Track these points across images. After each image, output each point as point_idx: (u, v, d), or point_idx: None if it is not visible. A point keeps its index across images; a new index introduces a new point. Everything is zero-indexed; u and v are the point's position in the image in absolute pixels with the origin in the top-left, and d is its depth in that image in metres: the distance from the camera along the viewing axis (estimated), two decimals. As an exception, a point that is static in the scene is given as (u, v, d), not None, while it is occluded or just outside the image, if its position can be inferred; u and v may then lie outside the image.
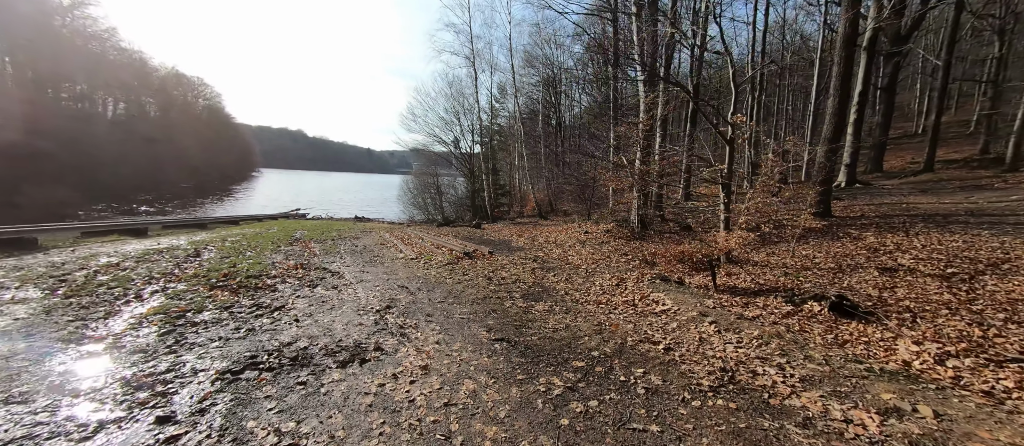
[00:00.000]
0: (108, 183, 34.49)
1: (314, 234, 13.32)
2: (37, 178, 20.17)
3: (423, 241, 11.01)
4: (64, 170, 24.69)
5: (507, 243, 11.32)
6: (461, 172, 28.05)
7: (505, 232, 14.81)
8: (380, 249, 9.68)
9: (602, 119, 24.96)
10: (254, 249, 8.98)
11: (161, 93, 61.09)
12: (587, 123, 30.44)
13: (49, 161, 23.72)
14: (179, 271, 6.26)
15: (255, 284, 5.49)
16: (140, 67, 54.01)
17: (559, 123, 37.66)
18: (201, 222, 16.08)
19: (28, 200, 17.31)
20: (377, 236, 13.22)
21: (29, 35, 37.25)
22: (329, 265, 7.29)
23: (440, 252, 8.89)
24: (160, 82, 60.25)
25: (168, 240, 10.38)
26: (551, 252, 9.35)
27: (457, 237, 12.48)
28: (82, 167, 28.50)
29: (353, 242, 11.21)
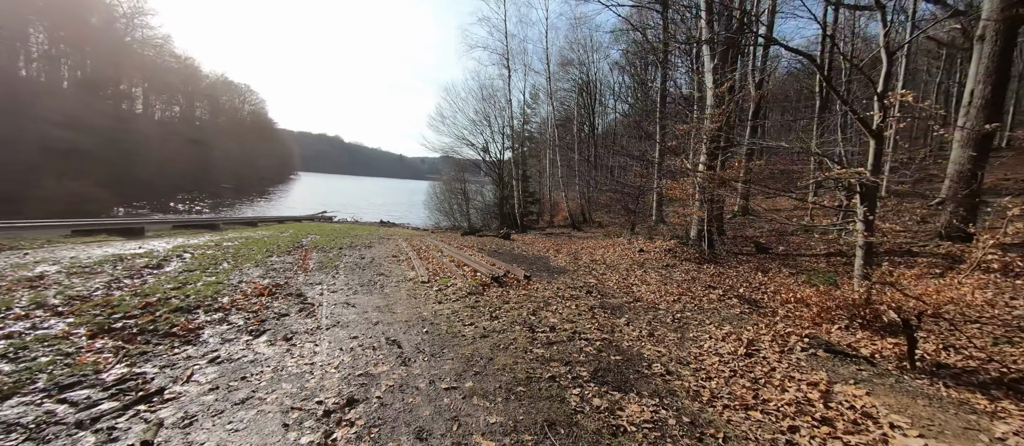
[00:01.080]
0: (150, 181, 34.88)
1: (324, 240, 11.53)
2: (66, 173, 19.79)
3: (441, 255, 8.91)
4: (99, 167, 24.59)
5: (544, 261, 9.05)
6: (490, 178, 26.10)
7: (539, 245, 12.55)
8: (388, 264, 7.65)
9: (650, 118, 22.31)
10: (235, 260, 7.14)
11: (210, 98, 63.21)
12: (631, 123, 27.76)
13: (83, 157, 23.62)
14: (95, 295, 4.39)
15: (170, 327, 3.47)
16: (191, 73, 55.89)
17: (593, 129, 35.20)
18: (213, 223, 14.76)
19: (50, 194, 16.67)
20: (393, 245, 11.27)
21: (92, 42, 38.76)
22: (309, 290, 5.27)
23: (461, 272, 6.73)
24: (209, 87, 62.35)
25: (155, 243, 8.78)
26: (605, 278, 7.01)
27: (483, 251, 10.34)
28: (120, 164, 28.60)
29: (362, 252, 9.26)
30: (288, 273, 6.32)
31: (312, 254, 8.60)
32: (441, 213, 33.89)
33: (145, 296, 4.32)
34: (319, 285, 5.57)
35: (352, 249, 9.93)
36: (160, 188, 36.87)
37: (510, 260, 8.99)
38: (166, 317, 3.69)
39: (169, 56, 51.17)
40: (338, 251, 9.37)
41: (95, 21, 42.40)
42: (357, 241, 11.71)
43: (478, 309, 4.51)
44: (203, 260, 6.87)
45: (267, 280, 5.62)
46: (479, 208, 31.32)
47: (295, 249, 9.21)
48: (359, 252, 9.35)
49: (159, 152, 38.61)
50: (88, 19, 40.58)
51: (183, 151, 44.10)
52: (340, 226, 20.71)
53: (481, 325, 3.88)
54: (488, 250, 10.59)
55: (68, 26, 36.28)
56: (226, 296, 4.57)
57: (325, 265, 7.31)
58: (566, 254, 10.24)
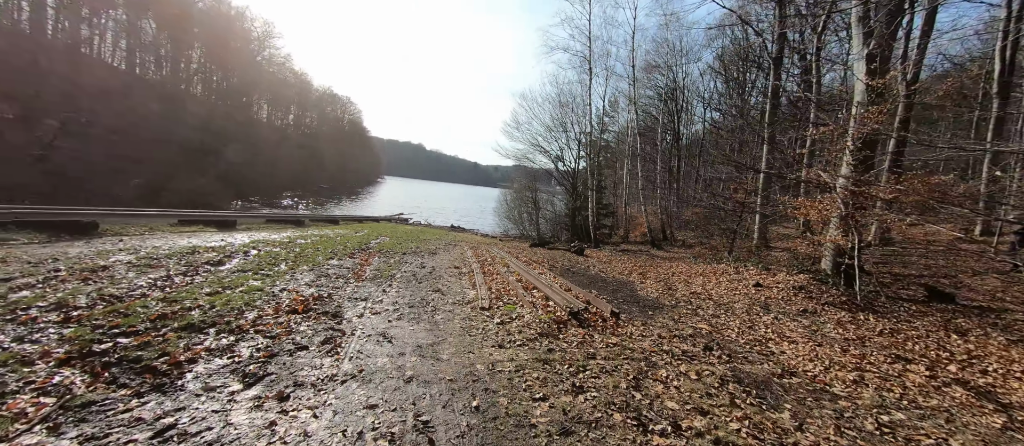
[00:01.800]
0: (264, 180, 39.58)
1: (392, 243, 11.11)
2: (196, 169, 22.74)
3: (507, 271, 7.71)
4: (223, 165, 28.15)
5: (628, 288, 7.38)
6: (562, 187, 24.63)
7: (618, 265, 10.79)
8: (448, 278, 6.65)
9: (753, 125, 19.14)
10: (296, 261, 6.69)
11: (318, 108, 71.13)
12: (732, 127, 24.44)
13: (212, 156, 27.18)
14: (132, 295, 3.91)
15: (159, 356, 2.67)
16: (304, 86, 63.30)
17: (677, 139, 31.91)
18: (299, 219, 15.47)
19: (182, 187, 19.09)
20: (457, 253, 10.41)
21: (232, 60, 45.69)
22: (351, 308, 4.37)
23: (529, 298, 5.43)
24: (318, 99, 70.18)
25: (237, 237, 8.92)
26: (721, 323, 5.19)
27: (554, 269, 8.95)
28: (242, 164, 32.61)
29: (424, 260, 8.46)
30: (339, 281, 5.58)
31: (374, 259, 7.99)
32: (510, 221, 33.19)
33: (172, 303, 3.71)
34: (364, 301, 4.66)
35: (415, 256, 9.22)
36: (272, 186, 41.70)
37: (586, 283, 7.46)
38: (167, 338, 2.93)
39: (288, 72, 58.50)
40: (400, 257, 8.70)
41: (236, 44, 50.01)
42: (423, 247, 11.09)
43: (553, 366, 3.13)
44: (264, 259, 6.49)
45: (311, 290, 4.87)
46: (549, 218, 29.97)
47: (360, 251, 8.73)
48: (421, 260, 8.57)
49: (273, 155, 43.76)
50: (231, 42, 47.95)
51: (292, 154, 49.65)
52: (412, 229, 20.86)
53: (560, 403, 2.51)
54: (560, 268, 9.17)
55: (216, 47, 43.10)
56: (254, 311, 3.80)
57: (381, 274, 6.53)
58: (654, 280, 8.40)
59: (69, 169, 17.35)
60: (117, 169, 19.74)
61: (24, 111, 19.96)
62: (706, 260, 12.75)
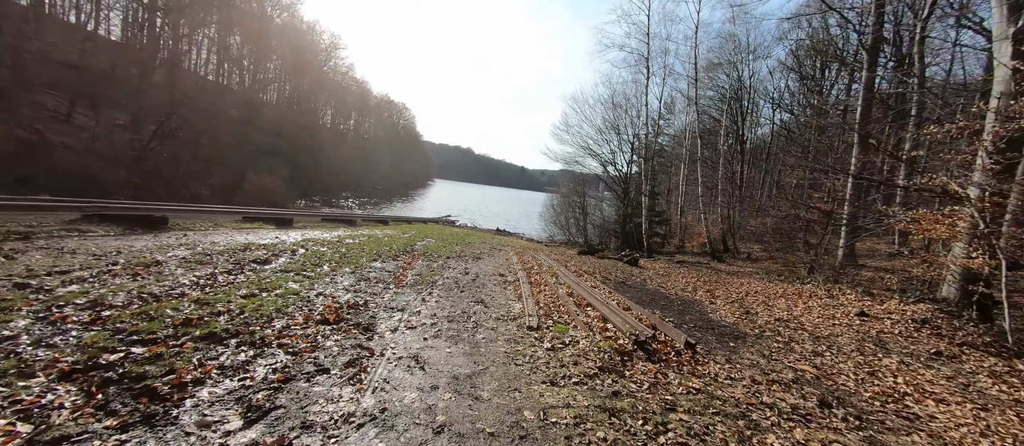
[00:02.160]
0: (323, 181, 42.13)
1: (437, 246, 10.86)
2: (265, 170, 24.49)
3: (556, 282, 7.00)
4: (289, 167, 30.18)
5: (696, 309, 6.36)
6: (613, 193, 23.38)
7: (679, 279, 9.64)
8: (492, 286, 6.11)
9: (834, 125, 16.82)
10: (339, 262, 6.51)
11: (376, 114, 75.05)
12: (810, 126, 22.02)
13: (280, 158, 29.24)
14: (173, 292, 3.77)
15: (165, 375, 2.34)
16: (364, 93, 67.00)
17: (741, 143, 29.27)
18: (352, 219, 15.86)
19: (251, 186, 20.54)
20: (502, 259, 9.89)
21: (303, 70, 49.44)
22: (386, 318, 3.94)
23: (583, 317, 4.71)
24: (376, 106, 74.02)
25: (291, 235, 9.09)
26: (830, 363, 4.10)
27: (608, 281, 8.09)
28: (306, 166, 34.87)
29: (467, 266, 8.02)
30: (378, 286, 5.23)
31: (417, 262, 7.67)
32: (556, 226, 32.31)
33: (204, 305, 3.49)
34: (400, 312, 4.22)
35: (459, 260, 8.81)
36: (332, 186, 44.32)
37: (646, 300, 6.56)
38: (183, 349, 2.62)
39: (351, 80, 62.23)
40: (444, 261, 8.33)
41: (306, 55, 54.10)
42: (467, 251, 10.71)
43: (622, 420, 2.41)
44: (309, 259, 6.37)
45: (348, 296, 4.53)
46: (596, 224, 28.71)
47: (404, 254, 8.49)
48: (465, 265, 8.13)
49: (333, 157, 46.52)
50: (302, 54, 51.91)
51: (350, 157, 52.54)
52: (458, 231, 20.81)
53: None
54: (613, 281, 8.29)
55: (289, 58, 46.84)
56: (284, 319, 3.47)
57: (423, 279, 6.14)
58: (726, 300, 7.26)
59: (163, 168, 19.32)
60: (201, 169, 21.74)
61: (132, 117, 22.70)
62: (782, 278, 11.14)
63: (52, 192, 14.50)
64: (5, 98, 17.89)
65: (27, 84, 20.03)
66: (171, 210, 8.57)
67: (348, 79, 61.46)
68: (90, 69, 23.37)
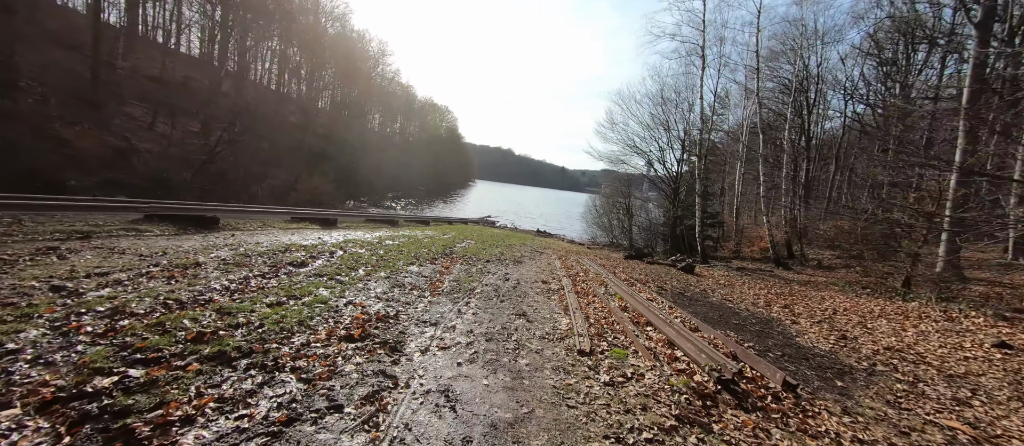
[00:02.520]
0: (370, 183, 43.74)
1: (477, 248, 10.44)
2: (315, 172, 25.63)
3: (607, 294, 6.25)
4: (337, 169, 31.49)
5: (778, 329, 5.31)
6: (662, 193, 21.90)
7: (744, 290, 8.45)
8: (535, 296, 5.51)
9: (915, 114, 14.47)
10: (376, 266, 6.22)
11: (420, 117, 77.21)
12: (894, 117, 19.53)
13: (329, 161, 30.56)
14: (199, 298, 3.55)
15: (155, 406, 1.98)
16: (409, 97, 69.10)
17: (807, 139, 26.46)
18: (394, 219, 15.96)
19: (302, 187, 21.50)
20: (544, 263, 9.25)
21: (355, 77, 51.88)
22: (417, 335, 3.46)
23: (644, 339, 3.97)
24: (420, 109, 76.14)
25: (333, 235, 9.07)
26: (983, 417, 3.02)
27: (664, 292, 7.19)
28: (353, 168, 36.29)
29: (507, 271, 7.48)
30: (412, 294, 4.82)
31: (455, 266, 7.25)
32: (599, 228, 31.05)
33: (226, 315, 3.20)
34: (433, 327, 3.73)
35: (499, 264, 8.30)
36: (379, 187, 45.95)
37: (713, 317, 5.63)
38: (186, 372, 2.27)
39: (397, 85, 64.39)
40: (483, 265, 7.84)
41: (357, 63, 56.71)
42: (507, 254, 10.19)
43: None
44: (346, 262, 6.13)
45: (379, 305, 4.13)
46: (642, 226, 27.15)
47: (442, 256, 8.12)
48: (505, 270, 7.60)
49: (379, 159, 48.24)
50: (353, 61, 54.44)
51: (396, 159, 54.26)
52: (499, 232, 20.43)
53: None
54: (671, 291, 7.36)
55: (342, 66, 49.29)
56: (305, 333, 3.09)
57: (461, 286, 5.66)
58: (810, 318, 6.11)
59: (227, 171, 20.75)
60: (260, 172, 23.14)
61: (203, 125, 24.70)
62: (870, 291, 9.53)
63: (134, 193, 15.91)
64: (100, 110, 20.01)
65: (120, 97, 22.37)
66: (222, 210, 8.83)
67: (395, 84, 63.65)
68: (170, 82, 25.75)
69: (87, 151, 17.28)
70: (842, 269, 16.34)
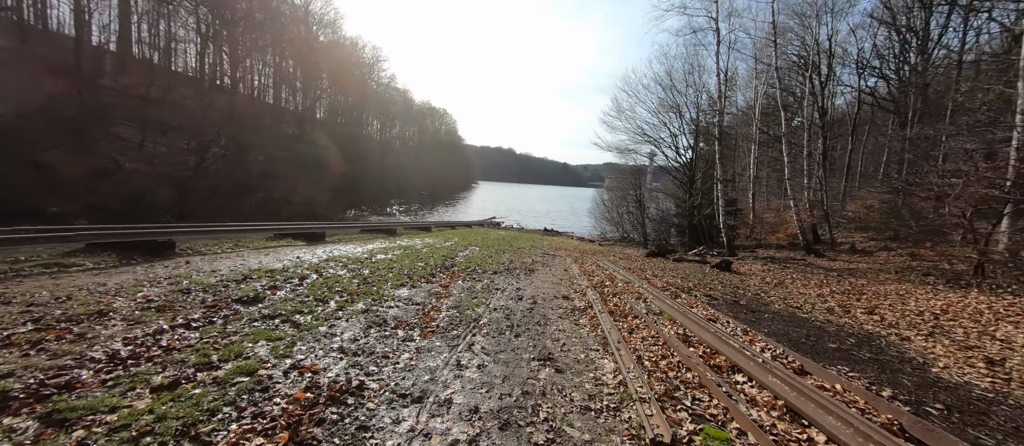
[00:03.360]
0: (372, 190, 42.58)
1: (482, 255, 9.09)
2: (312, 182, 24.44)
3: (650, 312, 4.86)
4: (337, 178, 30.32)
5: (896, 355, 3.84)
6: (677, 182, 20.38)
7: (798, 287, 7.00)
8: (559, 321, 4.15)
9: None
10: (354, 293, 4.88)
11: (419, 122, 76.02)
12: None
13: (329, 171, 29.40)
14: (62, 376, 2.24)
15: None
16: (406, 102, 67.89)
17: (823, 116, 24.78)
18: (392, 228, 14.66)
19: (298, 197, 20.29)
20: (560, 269, 7.87)
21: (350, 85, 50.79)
22: (390, 423, 2.12)
23: (745, 406, 2.60)
24: (418, 113, 74.94)
25: (315, 252, 7.77)
26: None
27: (714, 301, 5.78)
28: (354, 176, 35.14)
29: (519, 284, 6.11)
30: (394, 339, 3.47)
31: (455, 284, 5.90)
32: (608, 222, 29.57)
33: (56, 425, 1.88)
34: (417, 404, 2.38)
35: (509, 275, 6.93)
36: (380, 194, 44.79)
37: (801, 340, 4.20)
38: None
39: (393, 91, 63.19)
40: (490, 278, 6.49)
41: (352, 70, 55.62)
42: (516, 260, 8.81)
43: None
44: (317, 290, 4.80)
45: (340, 366, 2.79)
46: (654, 219, 25.62)
47: (442, 271, 6.78)
48: (516, 283, 6.23)
49: (380, 166, 47.12)
50: (348, 69, 53.34)
51: (397, 165, 53.14)
52: (504, 234, 19.06)
53: None
54: (721, 299, 5.94)
55: (337, 75, 48.19)
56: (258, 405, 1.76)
57: (461, 314, 4.31)
58: (912, 328, 4.67)
59: (220, 187, 19.58)
60: (255, 186, 21.98)
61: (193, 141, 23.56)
62: (936, 279, 8.03)
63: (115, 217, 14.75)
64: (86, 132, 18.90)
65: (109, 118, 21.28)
66: (185, 232, 7.54)
67: (391, 90, 62.43)
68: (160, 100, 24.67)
69: (70, 175, 16.20)
70: (880, 252, 14.77)
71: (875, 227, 18.22)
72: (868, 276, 9.38)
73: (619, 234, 26.77)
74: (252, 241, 8.98)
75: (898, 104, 22.69)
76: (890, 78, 23.89)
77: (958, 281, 8.18)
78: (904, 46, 23.33)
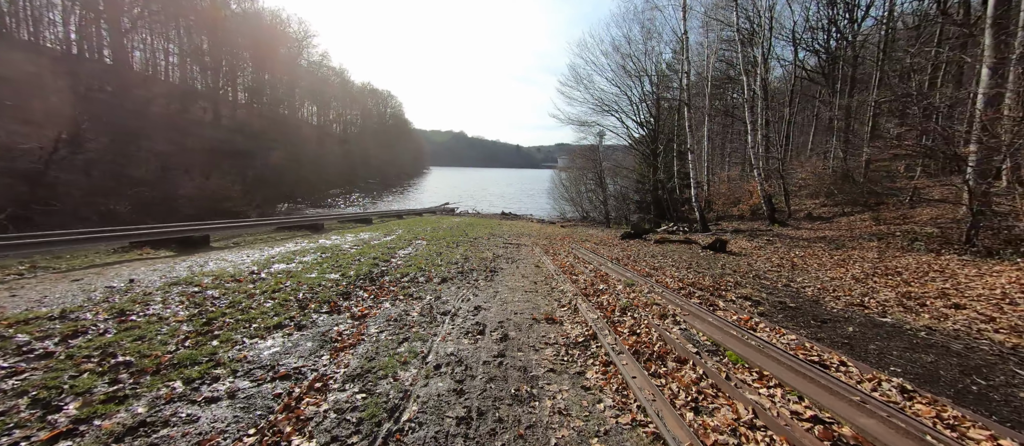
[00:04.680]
0: (309, 179, 37.78)
1: (429, 253, 6.86)
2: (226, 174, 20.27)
3: (677, 333, 3.07)
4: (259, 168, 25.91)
5: (970, 355, 2.46)
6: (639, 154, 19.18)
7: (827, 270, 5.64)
8: (547, 370, 2.20)
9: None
10: (135, 375, 2.55)
11: (360, 105, 69.65)
12: None
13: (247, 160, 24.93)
14: None
15: None
16: (344, 82, 61.53)
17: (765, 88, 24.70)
18: (317, 224, 11.79)
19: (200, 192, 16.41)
20: (530, 266, 5.89)
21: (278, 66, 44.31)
22: None
23: None
24: (359, 94, 68.54)
25: (190, 262, 5.11)
26: None
27: (745, 299, 4.14)
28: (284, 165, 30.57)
29: (478, 295, 4.02)
30: None
31: (378, 312, 3.69)
32: (567, 202, 28.22)
33: None
34: None
35: (463, 281, 4.83)
36: (320, 184, 39.97)
37: (933, 376, 2.60)
38: None
39: (327, 69, 56.72)
40: (436, 291, 4.34)
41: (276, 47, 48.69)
42: (474, 254, 6.73)
43: None
44: (68, 368, 2.40)
45: None
46: (613, 196, 24.58)
47: (366, 285, 4.52)
48: (474, 299, 4.15)
49: (317, 153, 42.03)
50: (271, 46, 46.49)
51: (337, 151, 47.99)
52: (459, 221, 16.77)
53: None
54: (761, 299, 4.31)
55: (257, 50, 41.68)
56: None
57: (372, 389, 2.19)
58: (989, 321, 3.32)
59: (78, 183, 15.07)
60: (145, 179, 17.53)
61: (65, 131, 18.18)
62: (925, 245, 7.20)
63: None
64: None
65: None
66: None
67: (324, 68, 55.97)
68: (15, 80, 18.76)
69: None
70: (840, 218, 14.58)
71: (826, 193, 18.38)
72: (862, 246, 8.48)
73: (579, 214, 25.53)
74: (85, 253, 6.00)
75: (828, 77, 23.17)
76: (820, 52, 24.26)
77: (955, 248, 7.41)
78: (832, 19, 23.59)
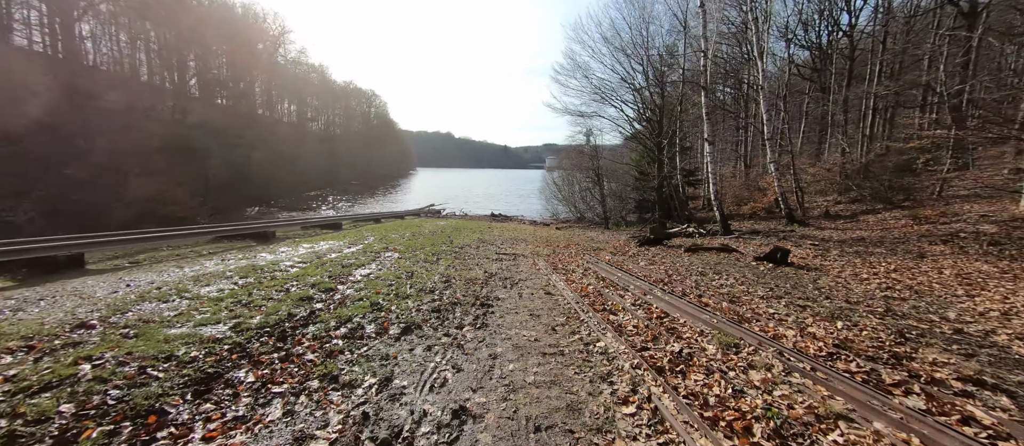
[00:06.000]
0: (285, 180, 35.21)
1: (398, 273, 4.88)
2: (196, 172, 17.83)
3: None
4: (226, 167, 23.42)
5: None
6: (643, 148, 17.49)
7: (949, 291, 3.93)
8: None
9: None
10: None
11: (343, 104, 66.73)
12: None
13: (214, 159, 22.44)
14: None
15: None
16: (324, 81, 58.67)
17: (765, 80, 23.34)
18: (265, 232, 9.68)
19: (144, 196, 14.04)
20: (537, 287, 3.98)
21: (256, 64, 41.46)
22: None
23: None
24: (341, 93, 65.64)
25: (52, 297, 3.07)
26: None
27: (961, 378, 2.39)
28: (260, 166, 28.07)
29: (463, 369, 2.16)
30: None
31: (244, 437, 1.79)
32: (560, 201, 26.52)
33: None
34: None
35: (439, 327, 2.90)
36: (297, 186, 37.37)
37: None
38: None
39: (306, 67, 53.85)
40: (393, 348, 2.43)
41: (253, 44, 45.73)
42: (459, 275, 4.80)
43: None
44: None
45: None
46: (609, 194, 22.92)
47: (268, 343, 2.59)
48: (456, 366, 2.25)
49: (295, 153, 39.43)
50: (247, 43, 43.56)
51: (316, 152, 45.35)
52: (444, 224, 14.82)
53: None
54: (964, 373, 2.54)
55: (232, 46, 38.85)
56: None
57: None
58: None
59: None
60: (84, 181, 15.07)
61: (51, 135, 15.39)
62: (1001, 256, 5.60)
63: None
64: None
65: None
66: None
67: (302, 65, 53.14)
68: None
69: None
70: (863, 216, 13.15)
71: (839, 189, 17.03)
72: (928, 251, 6.86)
73: (574, 214, 23.83)
74: None
75: (820, 73, 22.14)
76: (811, 47, 23.10)
77: None
78: (826, 12, 22.39)
